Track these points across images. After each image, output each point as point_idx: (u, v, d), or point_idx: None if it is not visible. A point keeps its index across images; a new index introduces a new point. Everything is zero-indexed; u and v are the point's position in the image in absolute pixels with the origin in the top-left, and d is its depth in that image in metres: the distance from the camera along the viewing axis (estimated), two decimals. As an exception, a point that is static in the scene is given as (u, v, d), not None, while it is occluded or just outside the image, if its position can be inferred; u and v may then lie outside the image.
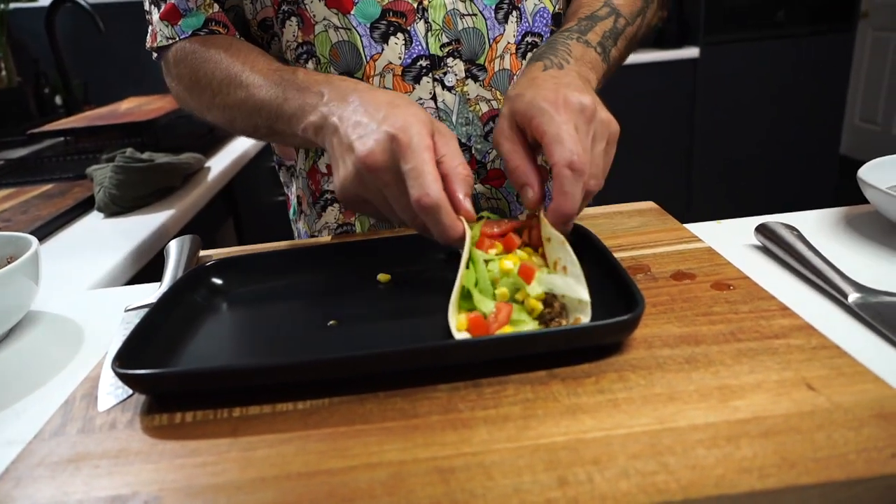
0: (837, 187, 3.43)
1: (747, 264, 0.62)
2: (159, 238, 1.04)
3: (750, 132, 3.30)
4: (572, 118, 0.54)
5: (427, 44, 0.73)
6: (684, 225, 0.73)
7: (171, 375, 0.45)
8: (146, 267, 0.97)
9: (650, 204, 0.76)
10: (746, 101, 3.24)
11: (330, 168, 0.82)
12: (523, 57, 0.78)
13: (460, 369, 0.45)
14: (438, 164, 0.54)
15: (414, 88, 0.74)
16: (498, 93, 0.78)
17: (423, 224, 0.54)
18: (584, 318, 0.47)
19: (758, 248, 0.67)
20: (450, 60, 0.74)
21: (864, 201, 0.71)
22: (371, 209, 0.58)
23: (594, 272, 0.54)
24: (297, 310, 0.57)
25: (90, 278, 0.84)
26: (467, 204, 0.53)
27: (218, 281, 0.61)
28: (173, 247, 0.71)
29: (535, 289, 0.49)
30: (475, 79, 0.76)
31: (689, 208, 3.38)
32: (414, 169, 0.51)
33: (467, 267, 0.51)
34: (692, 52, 3.11)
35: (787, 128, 3.32)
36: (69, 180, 1.32)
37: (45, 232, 1.03)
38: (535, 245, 0.56)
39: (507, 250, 0.55)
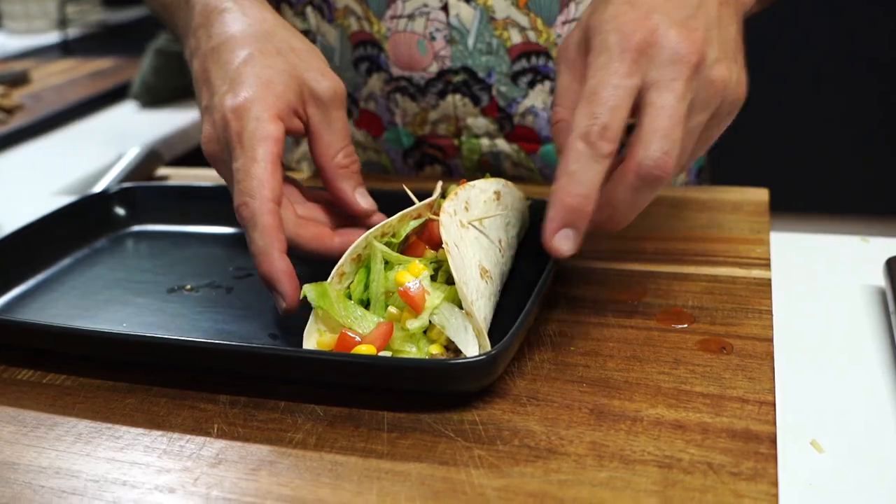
0: None
1: (837, 319, 0.43)
2: (186, 138, 0.95)
3: None
4: (641, 69, 0.35)
5: None
6: (795, 234, 0.53)
7: None
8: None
9: (760, 193, 0.56)
10: None
11: None
12: None
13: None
14: (313, 148, 0.42)
15: None
16: (539, 20, 0.55)
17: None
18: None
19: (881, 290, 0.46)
20: None
21: None
22: None
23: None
24: (160, 266, 0.51)
25: (65, 180, 0.75)
26: (363, 201, 0.42)
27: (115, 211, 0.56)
28: (125, 156, 0.65)
29: (415, 323, 0.37)
30: None
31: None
32: (240, 169, 0.39)
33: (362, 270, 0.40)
34: None
35: None
36: (135, 57, 1.11)
37: (61, 119, 0.96)
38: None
39: (413, 254, 0.40)
